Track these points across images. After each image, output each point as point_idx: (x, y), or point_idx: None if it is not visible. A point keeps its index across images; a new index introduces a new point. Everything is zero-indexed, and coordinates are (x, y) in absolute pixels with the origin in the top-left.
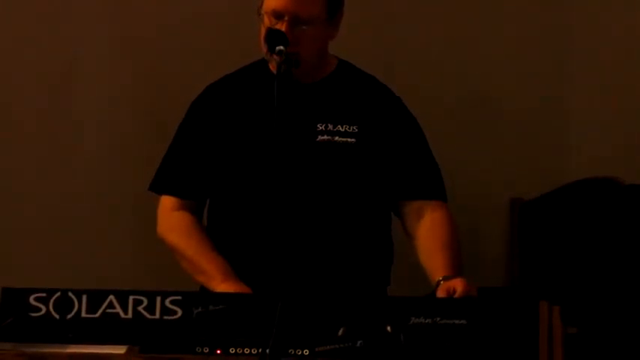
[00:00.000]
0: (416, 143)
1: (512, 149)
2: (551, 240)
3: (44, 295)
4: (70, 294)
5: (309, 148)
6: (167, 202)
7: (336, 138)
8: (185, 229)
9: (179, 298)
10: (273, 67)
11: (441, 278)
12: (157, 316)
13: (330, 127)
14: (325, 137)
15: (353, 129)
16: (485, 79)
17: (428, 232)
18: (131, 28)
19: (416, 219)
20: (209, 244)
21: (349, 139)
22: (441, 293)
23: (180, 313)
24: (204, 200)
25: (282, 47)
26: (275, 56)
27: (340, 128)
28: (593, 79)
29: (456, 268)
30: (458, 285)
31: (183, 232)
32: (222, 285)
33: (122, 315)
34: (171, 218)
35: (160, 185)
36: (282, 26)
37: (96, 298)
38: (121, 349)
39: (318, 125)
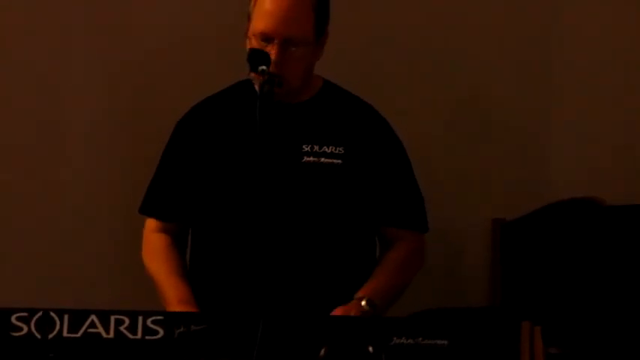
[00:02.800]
0: (398, 168)
1: (494, 170)
2: (533, 260)
3: (26, 314)
4: (51, 314)
5: (295, 169)
6: (149, 224)
7: (322, 159)
8: (158, 252)
9: (161, 317)
10: (257, 86)
11: (356, 297)
12: (139, 336)
13: (316, 148)
14: (311, 158)
15: (339, 150)
16: (469, 102)
17: (383, 260)
18: (119, 47)
19: (385, 246)
20: (177, 269)
21: (335, 161)
22: (337, 311)
23: (162, 333)
24: (186, 221)
25: (264, 67)
26: (257, 76)
27: (326, 149)
28: (575, 100)
29: (377, 294)
30: (346, 310)
31: (155, 256)
32: (175, 310)
33: (104, 335)
34: (149, 241)
35: (145, 207)
36: (272, 49)
37: (77, 317)
38: None
39: (304, 146)
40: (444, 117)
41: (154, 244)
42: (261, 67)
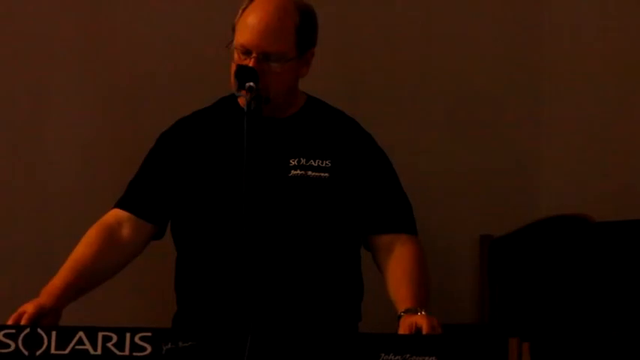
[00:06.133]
0: (386, 178)
1: (483, 186)
2: (521, 277)
3: (13, 331)
4: (39, 330)
5: (282, 183)
6: (115, 211)
7: (310, 173)
8: (88, 236)
9: (149, 334)
10: (242, 102)
11: (402, 311)
12: (127, 352)
13: (303, 161)
14: (298, 172)
15: (326, 163)
16: (457, 119)
17: (395, 265)
18: (103, 63)
19: (386, 253)
20: (79, 259)
21: (322, 174)
22: (402, 329)
23: (149, 349)
24: (153, 221)
25: (252, 83)
26: (245, 92)
27: (313, 163)
28: (563, 117)
29: (420, 301)
30: (421, 322)
31: (84, 239)
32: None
33: (91, 352)
34: (102, 219)
35: (118, 203)
36: (249, 62)
37: (65, 334)
38: None
39: (291, 160)
40: (431, 134)
41: (96, 226)
42: (248, 84)
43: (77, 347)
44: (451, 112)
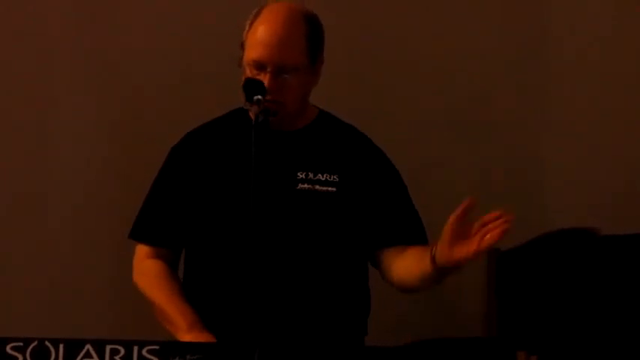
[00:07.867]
0: (397, 193)
1: (489, 199)
2: (529, 290)
3: (21, 344)
4: (46, 343)
5: (289, 197)
6: (141, 249)
7: (317, 187)
8: (155, 277)
9: (156, 347)
10: (252, 115)
11: (433, 251)
12: None
13: (311, 175)
14: (306, 186)
15: (334, 178)
16: (463, 132)
17: (404, 254)
18: (104, 64)
19: (394, 256)
20: (177, 293)
21: (330, 189)
22: (455, 251)
23: None
24: (179, 248)
25: (260, 97)
26: (253, 105)
27: (321, 177)
28: (570, 129)
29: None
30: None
31: (152, 280)
32: (187, 336)
33: None
34: (143, 266)
35: (136, 233)
36: (265, 77)
37: (73, 347)
38: None
39: (299, 173)
40: (438, 144)
41: (149, 270)
42: (256, 97)
43: None
44: (452, 116)
